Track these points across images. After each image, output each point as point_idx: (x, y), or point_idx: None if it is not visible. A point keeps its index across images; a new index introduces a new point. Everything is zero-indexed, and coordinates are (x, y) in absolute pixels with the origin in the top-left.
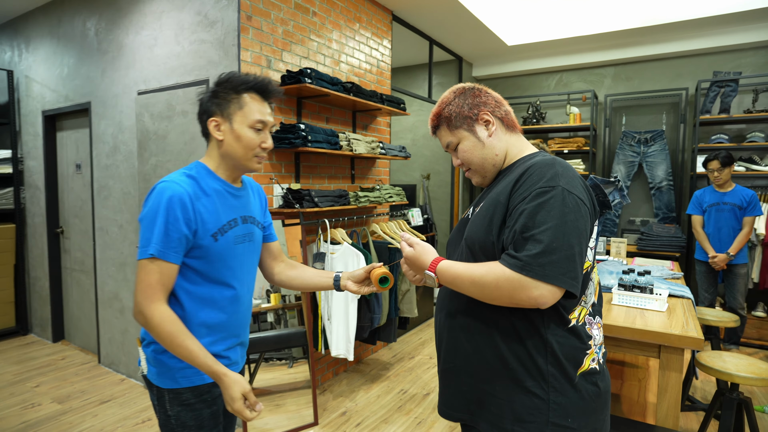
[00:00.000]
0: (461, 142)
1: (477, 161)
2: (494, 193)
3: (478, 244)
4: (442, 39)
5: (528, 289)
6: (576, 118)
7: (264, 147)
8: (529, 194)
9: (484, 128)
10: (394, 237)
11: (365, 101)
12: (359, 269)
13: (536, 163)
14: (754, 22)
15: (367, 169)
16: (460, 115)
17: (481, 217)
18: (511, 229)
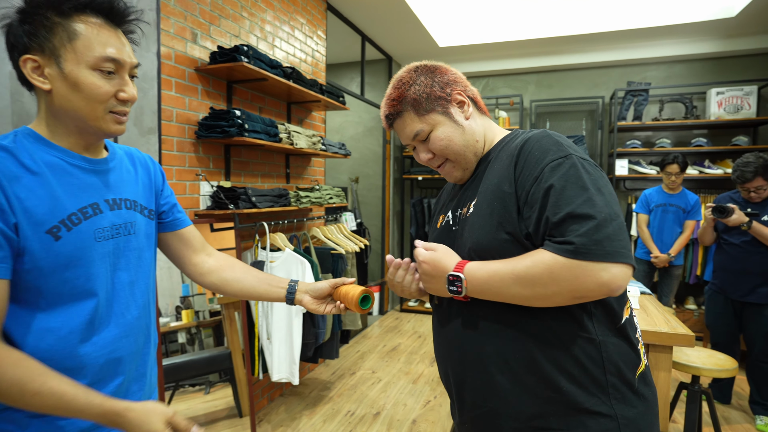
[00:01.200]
0: (435, 128)
1: (457, 149)
2: (489, 186)
3: (493, 249)
4: (375, 35)
5: (595, 274)
6: (505, 122)
7: (123, 98)
8: (541, 172)
9: (459, 110)
10: (338, 242)
11: (306, 90)
12: (322, 282)
13: (529, 139)
14: (659, 38)
15: (303, 167)
16: (431, 97)
17: (484, 217)
18: (537, 217)
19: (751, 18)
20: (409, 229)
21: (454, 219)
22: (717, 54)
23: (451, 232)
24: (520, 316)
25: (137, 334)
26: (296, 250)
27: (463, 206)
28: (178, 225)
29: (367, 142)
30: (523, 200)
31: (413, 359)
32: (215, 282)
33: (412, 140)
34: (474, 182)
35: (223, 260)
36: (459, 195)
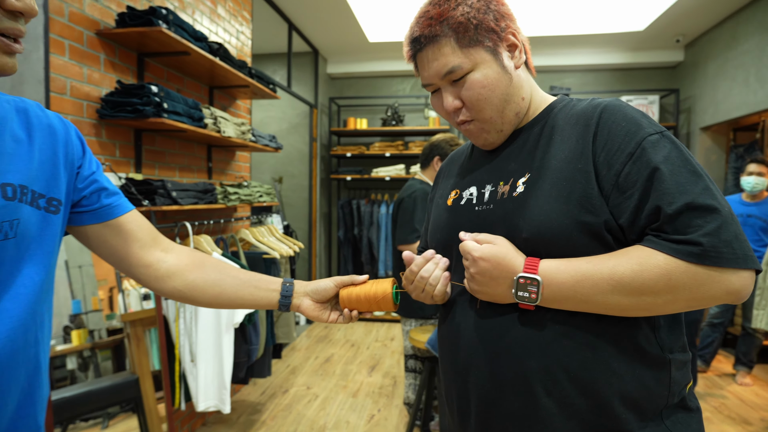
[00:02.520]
0: (476, 68)
1: (497, 103)
2: (551, 160)
3: (561, 240)
4: (303, 25)
5: (725, 281)
6: (435, 121)
7: (12, 6)
8: (637, 147)
9: (510, 56)
10: (270, 246)
11: (234, 72)
12: (325, 281)
13: (607, 106)
14: (577, 47)
15: (227, 162)
16: (482, 25)
17: (548, 199)
18: (636, 205)
19: (656, 33)
20: (336, 232)
21: (481, 197)
22: (625, 65)
23: (473, 213)
24: (575, 325)
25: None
26: (225, 255)
27: (502, 182)
28: (111, 213)
29: (292, 139)
30: (610, 182)
31: (349, 370)
32: (180, 288)
33: (442, 78)
34: (517, 152)
35: (187, 257)
36: (487, 166)
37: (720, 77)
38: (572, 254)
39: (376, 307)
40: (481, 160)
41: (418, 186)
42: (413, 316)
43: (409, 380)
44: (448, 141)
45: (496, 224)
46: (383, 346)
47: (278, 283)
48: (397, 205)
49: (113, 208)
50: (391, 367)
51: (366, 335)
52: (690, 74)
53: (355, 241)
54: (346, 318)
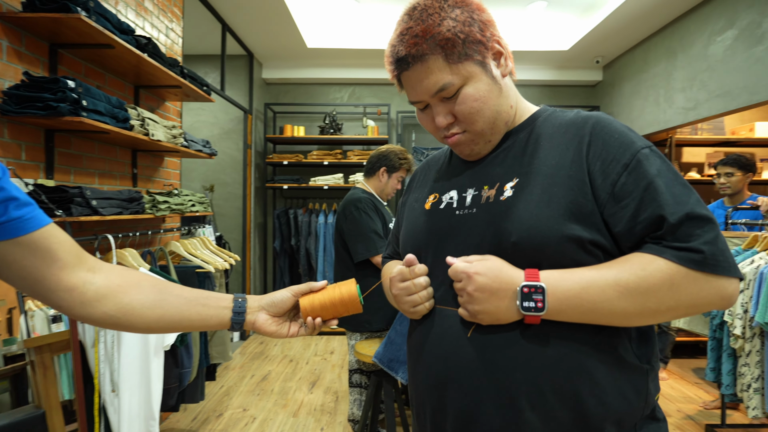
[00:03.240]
0: (468, 83)
1: (489, 115)
2: (541, 166)
3: (550, 246)
4: (238, 26)
5: (720, 287)
6: (374, 131)
7: None
8: (632, 159)
9: (496, 64)
10: (205, 259)
11: (164, 71)
12: (281, 292)
13: (599, 118)
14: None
15: (154, 168)
16: (469, 38)
17: (539, 204)
18: (633, 214)
19: (578, 54)
20: (272, 243)
21: (462, 201)
22: (552, 82)
23: (453, 218)
24: (559, 335)
25: None
26: (153, 270)
27: (487, 186)
28: (23, 227)
29: (225, 146)
30: (606, 190)
31: (288, 388)
32: (112, 313)
33: (433, 96)
34: (502, 158)
35: (119, 276)
36: (469, 171)
37: (634, 96)
38: (560, 262)
39: (343, 311)
40: (461, 165)
41: (362, 194)
42: (359, 330)
43: (354, 396)
44: (397, 154)
45: (480, 228)
46: (323, 360)
47: (229, 299)
48: (343, 216)
49: (26, 221)
50: (333, 382)
51: (304, 350)
52: (608, 93)
53: (292, 252)
54: (309, 328)
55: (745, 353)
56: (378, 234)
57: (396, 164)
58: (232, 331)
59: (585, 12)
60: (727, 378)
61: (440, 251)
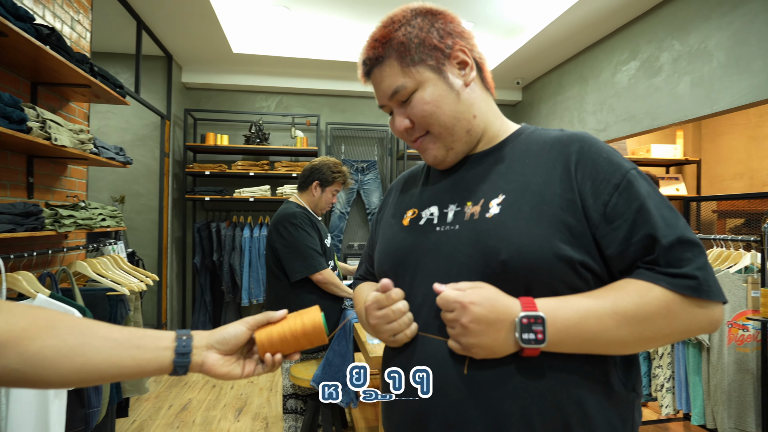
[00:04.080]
0: (421, 87)
1: (445, 120)
2: (526, 183)
3: (542, 266)
4: (156, 25)
5: (711, 313)
6: (303, 142)
7: None
8: (622, 179)
9: (458, 72)
10: (117, 280)
11: (70, 66)
12: (233, 326)
13: (585, 138)
14: None
15: (55, 177)
16: (424, 44)
17: (527, 222)
18: (625, 236)
19: (501, 75)
20: (192, 259)
21: (444, 216)
22: None
23: (434, 233)
24: (549, 364)
25: None
26: (55, 296)
27: (470, 202)
28: None
29: (138, 153)
30: (598, 211)
31: (212, 417)
32: (15, 365)
33: (389, 99)
34: (485, 173)
35: (22, 317)
36: (449, 186)
37: (551, 117)
38: (550, 285)
39: (306, 343)
40: (441, 181)
41: (296, 209)
42: None
43: (289, 422)
44: (331, 167)
45: (464, 246)
46: (250, 384)
47: (170, 337)
48: (277, 232)
49: None
50: (261, 408)
51: None
52: (528, 112)
53: (215, 268)
54: (267, 366)
55: (659, 356)
56: (316, 251)
57: (329, 177)
58: (175, 375)
59: (508, 35)
60: (643, 379)
61: (420, 270)
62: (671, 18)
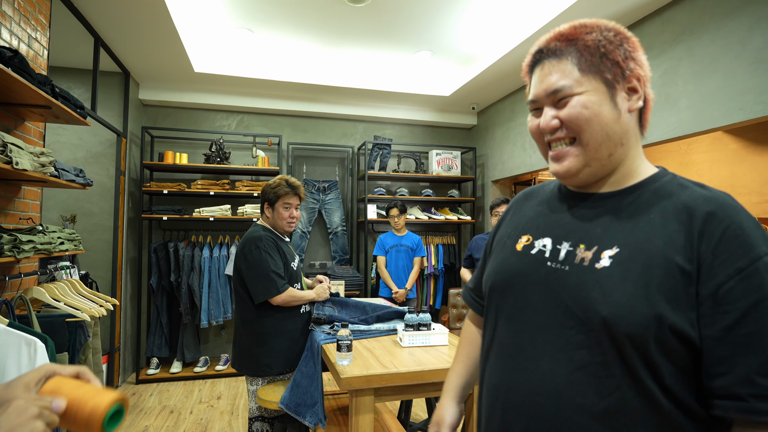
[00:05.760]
0: (585, 94)
1: (598, 131)
2: (643, 240)
3: (630, 329)
4: (114, 41)
5: None
6: (264, 161)
7: None
8: (749, 265)
9: (626, 96)
10: (76, 305)
11: (32, 88)
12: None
13: (722, 205)
14: (394, 103)
15: (8, 198)
16: (608, 56)
17: (631, 283)
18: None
19: (457, 100)
20: (148, 280)
21: (556, 252)
22: (435, 123)
23: (544, 268)
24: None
25: None
26: (13, 324)
27: (585, 246)
28: None
29: (92, 170)
30: (709, 290)
31: None
32: None
33: (548, 95)
34: (607, 218)
35: None
36: (572, 222)
37: (504, 141)
38: (650, 343)
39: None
40: (560, 212)
41: (262, 232)
42: (259, 375)
43: None
44: (271, 185)
45: (570, 289)
46: (210, 408)
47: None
48: (243, 256)
49: None
50: (223, 431)
51: (186, 397)
52: (483, 136)
53: (172, 289)
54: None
55: None
56: (278, 274)
57: (271, 195)
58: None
59: (464, 63)
60: None
61: (524, 299)
62: None
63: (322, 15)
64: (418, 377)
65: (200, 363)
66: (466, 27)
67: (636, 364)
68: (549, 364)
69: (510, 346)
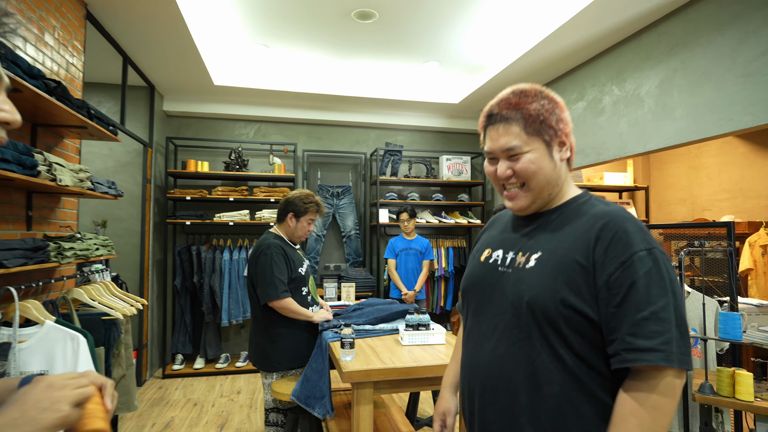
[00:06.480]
0: (531, 151)
1: (541, 180)
2: (558, 248)
3: (543, 309)
4: (140, 59)
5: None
6: (281, 168)
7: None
8: (628, 258)
9: (559, 149)
10: (110, 305)
11: (71, 112)
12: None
13: (612, 218)
14: (405, 110)
15: (50, 209)
16: (546, 122)
17: (547, 277)
18: (621, 301)
19: (466, 106)
20: (172, 281)
21: (504, 260)
22: (445, 129)
23: (496, 272)
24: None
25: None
26: (59, 321)
27: (522, 253)
28: None
29: (121, 179)
30: (603, 279)
31: None
32: None
33: (502, 152)
34: (540, 232)
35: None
36: (517, 237)
37: None
38: (556, 323)
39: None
40: (512, 231)
41: (273, 240)
42: (272, 370)
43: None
44: (302, 198)
45: (510, 285)
46: (230, 401)
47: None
48: (254, 261)
49: None
50: (242, 423)
51: (209, 391)
52: None
53: (195, 290)
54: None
55: None
56: (281, 280)
57: (302, 209)
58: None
59: (471, 72)
60: None
61: (484, 296)
62: (610, 65)
63: (333, 30)
64: (413, 372)
65: (221, 360)
66: (471, 38)
67: (551, 337)
68: (496, 342)
69: (475, 333)
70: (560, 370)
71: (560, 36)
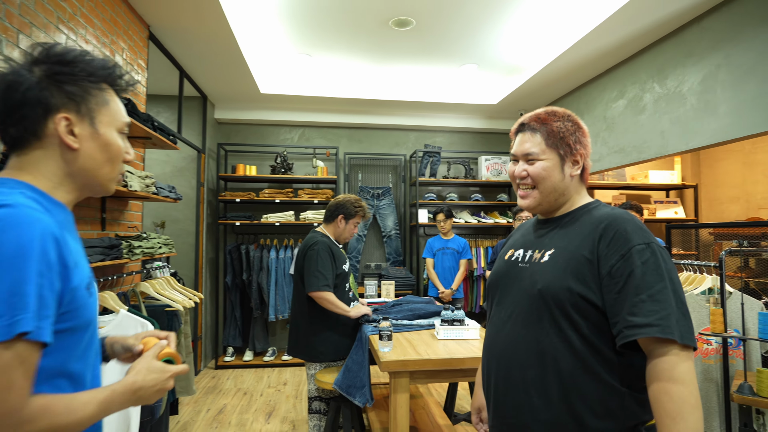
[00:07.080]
0: (546, 160)
1: (548, 186)
2: (569, 247)
3: (554, 296)
4: (194, 72)
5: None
6: (323, 171)
7: (128, 159)
8: (627, 252)
9: (571, 165)
10: (172, 298)
11: (139, 125)
12: (129, 336)
13: (615, 219)
14: (444, 112)
15: (120, 212)
16: (564, 140)
17: (557, 269)
18: (622, 287)
19: (505, 107)
20: (223, 278)
21: (524, 258)
22: (484, 129)
23: (516, 267)
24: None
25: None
26: (132, 310)
27: (538, 250)
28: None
29: (177, 183)
30: (606, 270)
31: (246, 420)
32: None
33: (523, 155)
34: (554, 233)
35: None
36: (535, 238)
37: None
38: (565, 307)
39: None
40: (532, 232)
41: (320, 238)
42: (316, 361)
43: (314, 421)
44: (353, 203)
45: (527, 278)
46: (277, 392)
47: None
48: (303, 256)
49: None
50: (288, 412)
51: (257, 382)
52: None
53: (244, 287)
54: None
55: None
56: (323, 274)
57: (352, 212)
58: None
59: (509, 73)
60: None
61: (506, 288)
62: (651, 63)
63: (372, 38)
64: (447, 364)
65: (269, 353)
66: (508, 40)
67: (560, 320)
68: (512, 325)
69: (495, 319)
70: (568, 349)
71: (599, 34)
